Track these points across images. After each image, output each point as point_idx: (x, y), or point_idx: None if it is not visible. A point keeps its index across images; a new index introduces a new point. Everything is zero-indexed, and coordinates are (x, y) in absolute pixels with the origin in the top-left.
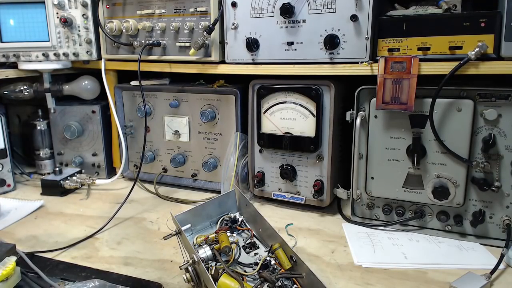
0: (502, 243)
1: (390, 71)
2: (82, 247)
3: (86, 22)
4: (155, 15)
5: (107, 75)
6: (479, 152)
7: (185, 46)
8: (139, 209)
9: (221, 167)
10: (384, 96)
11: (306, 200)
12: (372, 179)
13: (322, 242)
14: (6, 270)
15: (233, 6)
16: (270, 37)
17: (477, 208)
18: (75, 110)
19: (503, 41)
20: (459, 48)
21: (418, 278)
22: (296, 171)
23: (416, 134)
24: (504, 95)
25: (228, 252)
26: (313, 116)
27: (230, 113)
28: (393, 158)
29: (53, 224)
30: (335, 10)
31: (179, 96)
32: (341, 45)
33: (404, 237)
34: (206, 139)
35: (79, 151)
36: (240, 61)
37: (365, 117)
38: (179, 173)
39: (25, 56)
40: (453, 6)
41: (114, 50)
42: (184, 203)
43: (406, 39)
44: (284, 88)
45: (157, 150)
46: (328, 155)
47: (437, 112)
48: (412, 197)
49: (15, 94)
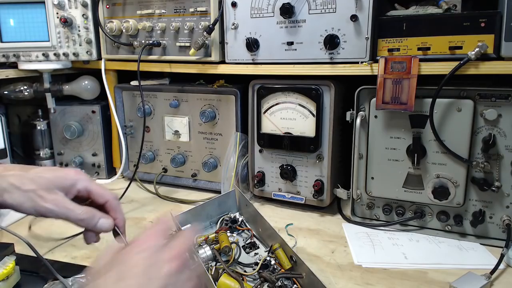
0: (502, 243)
1: (390, 71)
2: (82, 247)
3: (86, 22)
4: (155, 15)
5: (107, 75)
6: (479, 152)
7: (185, 46)
8: (139, 209)
9: (221, 167)
10: (384, 96)
11: (306, 200)
12: (372, 179)
13: (322, 242)
14: (6, 269)
15: (233, 6)
16: (270, 37)
17: (477, 208)
18: (75, 110)
19: (503, 41)
20: (459, 48)
21: (418, 278)
22: (296, 171)
23: (416, 134)
24: (504, 95)
25: (228, 252)
26: (313, 116)
27: (230, 113)
28: (393, 158)
29: (53, 224)
30: (335, 10)
31: (179, 96)
32: (341, 45)
33: (404, 237)
34: (206, 139)
35: (79, 151)
36: (240, 61)
37: (365, 117)
38: (179, 173)
39: (25, 56)
40: (453, 6)
41: (114, 50)
42: (184, 203)
43: (406, 39)
44: (284, 88)
45: (157, 150)
46: (328, 155)
47: (437, 112)
48: (412, 197)
49: (15, 94)
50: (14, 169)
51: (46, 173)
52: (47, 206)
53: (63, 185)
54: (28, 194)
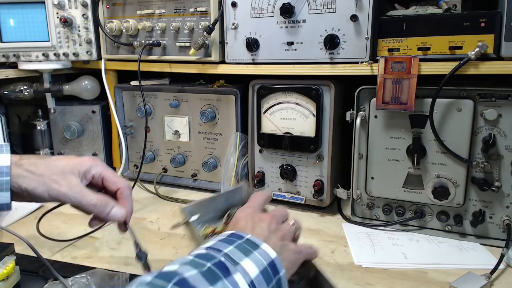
0: (502, 243)
1: (390, 71)
2: (82, 247)
3: (86, 22)
4: (155, 15)
5: (107, 75)
6: (479, 152)
7: (185, 46)
8: (139, 209)
9: (221, 167)
10: (384, 96)
11: (306, 200)
12: (372, 179)
13: (322, 242)
14: (6, 269)
15: (233, 6)
16: (270, 37)
17: (477, 208)
18: (75, 110)
19: (503, 41)
20: (459, 48)
21: (418, 278)
22: (296, 171)
23: (416, 134)
24: (504, 95)
25: None
26: (313, 116)
27: (230, 113)
28: (393, 158)
29: (53, 224)
30: (335, 10)
31: (179, 96)
32: (341, 45)
33: (404, 237)
34: (206, 139)
35: (79, 151)
36: (240, 61)
37: (365, 117)
38: (179, 173)
39: (25, 56)
40: (453, 6)
41: (114, 50)
42: (184, 203)
43: (406, 39)
44: (284, 88)
45: (157, 150)
46: (328, 155)
47: (437, 112)
48: (412, 197)
49: (15, 94)
50: (30, 158)
51: (61, 160)
52: (60, 190)
53: (78, 170)
54: (42, 179)
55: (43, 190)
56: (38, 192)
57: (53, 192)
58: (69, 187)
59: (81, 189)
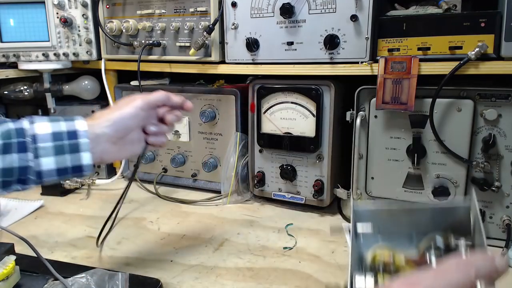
0: (502, 243)
1: (390, 71)
2: (82, 247)
3: (86, 22)
4: (155, 15)
5: (107, 75)
6: (479, 152)
7: (185, 46)
8: (139, 209)
9: (221, 167)
10: (384, 96)
11: (306, 200)
12: (372, 179)
13: (322, 242)
14: (6, 269)
15: (233, 6)
16: (270, 37)
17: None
18: (75, 110)
19: (503, 41)
20: (459, 48)
21: None
22: (296, 171)
23: (416, 134)
24: (504, 95)
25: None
26: (313, 116)
27: (230, 113)
28: (393, 158)
29: (53, 224)
30: (335, 10)
31: None
32: (341, 45)
33: None
34: (206, 139)
35: None
36: (240, 61)
37: (365, 117)
38: (179, 173)
39: (25, 56)
40: (453, 6)
41: (114, 50)
42: (184, 203)
43: (406, 39)
44: (284, 88)
45: (157, 150)
46: (328, 155)
47: (437, 112)
48: (412, 197)
49: (15, 94)
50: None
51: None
52: (131, 105)
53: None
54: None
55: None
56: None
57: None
58: (135, 101)
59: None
